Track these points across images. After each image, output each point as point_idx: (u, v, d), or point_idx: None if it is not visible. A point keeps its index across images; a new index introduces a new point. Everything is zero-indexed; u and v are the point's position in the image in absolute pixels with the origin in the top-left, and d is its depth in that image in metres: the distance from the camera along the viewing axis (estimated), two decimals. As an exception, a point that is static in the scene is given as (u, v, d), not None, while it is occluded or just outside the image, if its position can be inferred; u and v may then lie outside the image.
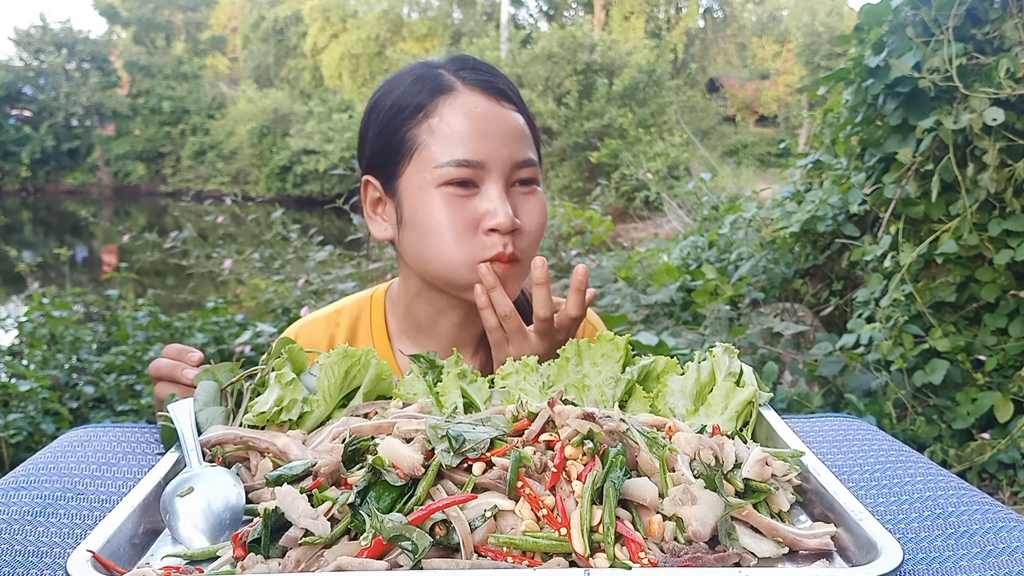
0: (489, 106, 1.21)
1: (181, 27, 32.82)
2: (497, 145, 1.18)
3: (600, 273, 4.97)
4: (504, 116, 1.21)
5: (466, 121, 1.18)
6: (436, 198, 1.18)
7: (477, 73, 1.23)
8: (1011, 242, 3.05)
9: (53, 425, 3.44)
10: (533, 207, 1.23)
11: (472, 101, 1.20)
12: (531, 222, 1.22)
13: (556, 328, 1.17)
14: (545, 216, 1.26)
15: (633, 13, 29.60)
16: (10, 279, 8.80)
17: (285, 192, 24.68)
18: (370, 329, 1.37)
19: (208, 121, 28.03)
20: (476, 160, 1.17)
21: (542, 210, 1.25)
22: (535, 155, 1.25)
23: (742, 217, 4.72)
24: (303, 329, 1.40)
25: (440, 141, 1.18)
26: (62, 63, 28.03)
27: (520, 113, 1.24)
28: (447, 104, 1.19)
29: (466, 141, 1.17)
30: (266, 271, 4.87)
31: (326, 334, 1.36)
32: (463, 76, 1.22)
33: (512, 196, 1.21)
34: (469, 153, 1.17)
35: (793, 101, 26.14)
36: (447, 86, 1.21)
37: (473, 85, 1.21)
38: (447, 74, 1.22)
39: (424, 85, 1.22)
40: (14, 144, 26.31)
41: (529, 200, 1.23)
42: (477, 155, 1.17)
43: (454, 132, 1.18)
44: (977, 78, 2.97)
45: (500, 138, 1.19)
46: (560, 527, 0.65)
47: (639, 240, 8.39)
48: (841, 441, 0.99)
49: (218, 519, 0.73)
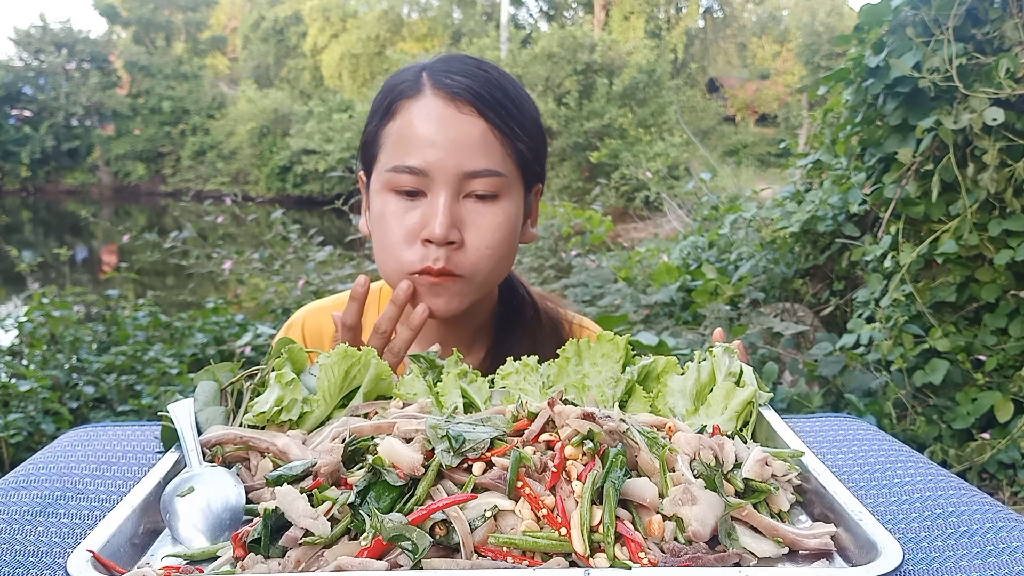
0: (445, 112, 1.14)
1: (181, 27, 32.82)
2: (444, 154, 1.12)
3: (600, 273, 4.97)
4: (458, 123, 1.14)
5: (416, 127, 1.14)
6: (385, 202, 1.16)
7: (448, 77, 1.16)
8: (1011, 242, 3.05)
9: (53, 425, 3.44)
10: (483, 223, 1.15)
11: (429, 106, 1.15)
12: (478, 238, 1.15)
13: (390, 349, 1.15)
14: (502, 233, 1.16)
15: (633, 13, 29.60)
16: (10, 279, 8.80)
17: (285, 192, 24.68)
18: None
19: (208, 121, 28.02)
20: (418, 167, 1.13)
21: (495, 227, 1.16)
22: (498, 165, 1.15)
23: (742, 217, 4.73)
24: (310, 316, 1.39)
25: (393, 145, 1.16)
26: (62, 63, 28.02)
27: (490, 121, 1.15)
28: (409, 107, 1.16)
29: (412, 147, 1.14)
30: (266, 271, 4.87)
31: (329, 313, 1.34)
32: (435, 79, 1.17)
33: (462, 207, 1.15)
34: (412, 159, 1.13)
35: (793, 101, 26.12)
36: (415, 89, 1.17)
37: (438, 89, 1.15)
38: (425, 76, 1.18)
39: (400, 86, 1.19)
40: (14, 144, 26.30)
41: (481, 215, 1.15)
42: (419, 162, 1.13)
43: (403, 137, 1.15)
44: (977, 78, 2.97)
45: (448, 146, 1.12)
46: (560, 527, 0.65)
47: (639, 240, 8.39)
48: (841, 441, 0.99)
49: (218, 519, 0.73)
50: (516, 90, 1.22)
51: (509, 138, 1.17)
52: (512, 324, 1.37)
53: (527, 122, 1.21)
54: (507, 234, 1.18)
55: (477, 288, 1.19)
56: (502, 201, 1.17)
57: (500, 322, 1.37)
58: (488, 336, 1.37)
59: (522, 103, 1.22)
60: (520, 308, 1.38)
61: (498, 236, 1.16)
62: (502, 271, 1.23)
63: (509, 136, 1.17)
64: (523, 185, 1.22)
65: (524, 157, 1.20)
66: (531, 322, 1.37)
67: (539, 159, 1.25)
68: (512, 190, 1.19)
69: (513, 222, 1.19)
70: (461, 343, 1.32)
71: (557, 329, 1.39)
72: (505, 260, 1.21)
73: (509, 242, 1.19)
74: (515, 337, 1.35)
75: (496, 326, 1.38)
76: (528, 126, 1.21)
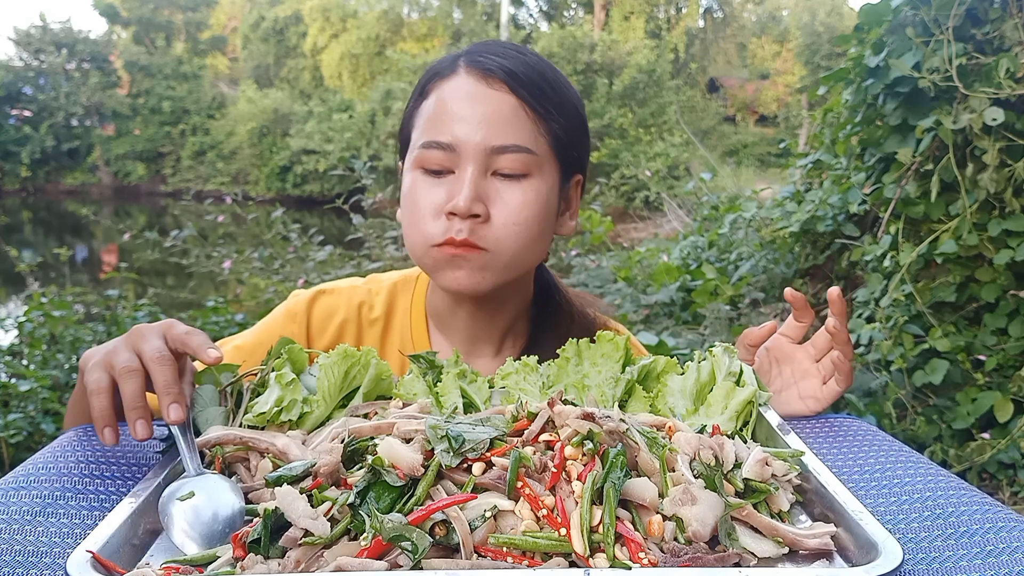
0: (475, 88, 1.12)
1: (181, 27, 32.80)
2: (471, 128, 1.10)
3: (600, 273, 4.97)
4: (488, 99, 1.12)
5: (445, 103, 1.13)
6: (415, 179, 1.15)
7: (482, 56, 1.15)
8: (1011, 242, 3.05)
9: (53, 425, 3.44)
10: (509, 198, 1.12)
11: (460, 83, 1.14)
12: (504, 214, 1.12)
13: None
14: (530, 211, 1.13)
15: (633, 13, 29.60)
16: (10, 279, 8.79)
17: (285, 192, 24.66)
18: (410, 306, 1.32)
19: (208, 121, 28.01)
20: (446, 142, 1.11)
21: (523, 204, 1.12)
22: (528, 143, 1.12)
23: (742, 217, 4.73)
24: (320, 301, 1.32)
25: (423, 123, 1.15)
26: (62, 63, 28.00)
27: (521, 98, 1.12)
28: (440, 87, 1.15)
29: (441, 124, 1.12)
30: (266, 271, 4.87)
31: (355, 300, 1.31)
32: (470, 59, 1.16)
33: (490, 184, 1.12)
34: (439, 135, 1.12)
35: (793, 101, 26.13)
36: (449, 70, 1.16)
37: (471, 68, 1.14)
38: (461, 59, 1.17)
39: (437, 67, 1.19)
40: (14, 144, 26.29)
41: (508, 191, 1.12)
42: (448, 137, 1.11)
43: (432, 114, 1.14)
44: (977, 78, 2.97)
45: (476, 121, 1.10)
46: (560, 527, 0.65)
47: (639, 240, 8.38)
48: (841, 441, 0.99)
49: (211, 529, 0.72)
50: (555, 74, 1.19)
51: (542, 117, 1.14)
52: (547, 325, 1.32)
53: (564, 104, 1.18)
54: (536, 213, 1.14)
55: (503, 268, 1.15)
56: (532, 180, 1.14)
57: (535, 323, 1.33)
58: (521, 337, 1.33)
59: (560, 86, 1.19)
60: (556, 311, 1.33)
61: (526, 213, 1.13)
62: (531, 254, 1.18)
63: (542, 115, 1.14)
64: (559, 170, 1.19)
65: (559, 139, 1.16)
66: (565, 326, 1.31)
67: (577, 145, 1.21)
68: (544, 171, 1.15)
69: (544, 203, 1.15)
70: (491, 343, 1.29)
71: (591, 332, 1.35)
72: (535, 243, 1.16)
73: (539, 223, 1.15)
74: (549, 339, 1.28)
75: (531, 327, 1.33)
76: (566, 108, 1.18)
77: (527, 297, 1.32)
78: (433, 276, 1.19)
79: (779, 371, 1.14)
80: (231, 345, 1.26)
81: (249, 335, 1.29)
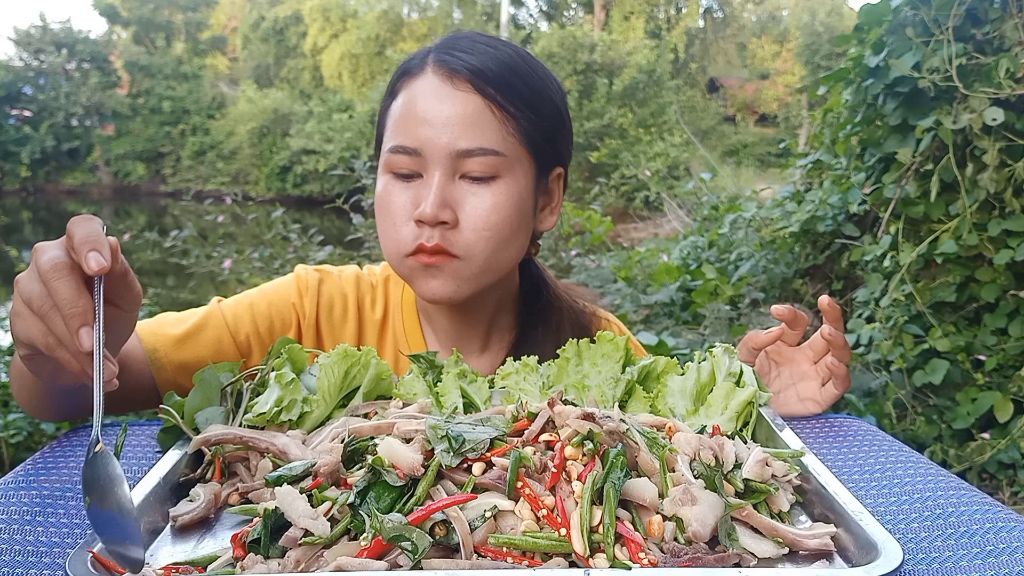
0: (441, 89, 1.10)
1: (181, 27, 32.80)
2: (436, 131, 1.08)
3: (600, 273, 4.97)
4: (453, 100, 1.09)
5: (412, 105, 1.11)
6: (385, 184, 1.14)
7: (449, 53, 1.12)
8: (1011, 242, 3.05)
9: (53, 425, 3.43)
10: (478, 203, 1.10)
11: (427, 84, 1.11)
12: (473, 219, 1.10)
13: None
14: (499, 215, 1.11)
15: (633, 13, 29.59)
16: (10, 279, 8.79)
17: (285, 192, 24.65)
18: (400, 301, 1.32)
19: (208, 121, 28.01)
20: (411, 147, 1.09)
21: (492, 208, 1.10)
22: (496, 144, 1.09)
23: (742, 217, 4.73)
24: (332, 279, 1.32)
25: (392, 125, 1.14)
26: (62, 63, 28.00)
27: (488, 97, 1.10)
28: (409, 86, 1.13)
29: (406, 126, 1.11)
30: (266, 271, 4.87)
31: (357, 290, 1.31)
32: (437, 57, 1.13)
33: (457, 188, 1.10)
34: (405, 139, 1.10)
35: (793, 101, 26.12)
36: (417, 68, 1.14)
37: (438, 66, 1.11)
38: (430, 56, 1.14)
39: (406, 65, 1.17)
40: (14, 144, 26.28)
41: (477, 194, 1.10)
42: (412, 141, 1.09)
43: (399, 116, 1.13)
44: (977, 78, 2.97)
45: (440, 124, 1.08)
46: (560, 527, 0.65)
47: (639, 240, 8.38)
48: (841, 441, 0.99)
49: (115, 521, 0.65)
50: (528, 67, 1.16)
51: (511, 116, 1.11)
52: (536, 319, 1.31)
53: (537, 98, 1.15)
54: (507, 216, 1.12)
55: (478, 274, 1.13)
56: (502, 181, 1.11)
57: (524, 317, 1.32)
58: (509, 332, 1.32)
59: (533, 79, 1.15)
60: (545, 305, 1.32)
61: (495, 217, 1.10)
62: (506, 257, 1.16)
63: (511, 114, 1.11)
64: (534, 167, 1.16)
65: (532, 135, 1.14)
66: (555, 319, 1.31)
67: (554, 140, 1.19)
68: (516, 171, 1.13)
69: (517, 204, 1.13)
70: (476, 339, 1.29)
71: (585, 328, 1.33)
72: (508, 245, 1.14)
73: (511, 226, 1.13)
74: (539, 335, 1.29)
75: (520, 321, 1.32)
76: (539, 102, 1.15)
77: (510, 293, 1.32)
78: (409, 284, 1.19)
79: (778, 372, 1.14)
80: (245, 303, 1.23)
81: (258, 298, 1.25)
